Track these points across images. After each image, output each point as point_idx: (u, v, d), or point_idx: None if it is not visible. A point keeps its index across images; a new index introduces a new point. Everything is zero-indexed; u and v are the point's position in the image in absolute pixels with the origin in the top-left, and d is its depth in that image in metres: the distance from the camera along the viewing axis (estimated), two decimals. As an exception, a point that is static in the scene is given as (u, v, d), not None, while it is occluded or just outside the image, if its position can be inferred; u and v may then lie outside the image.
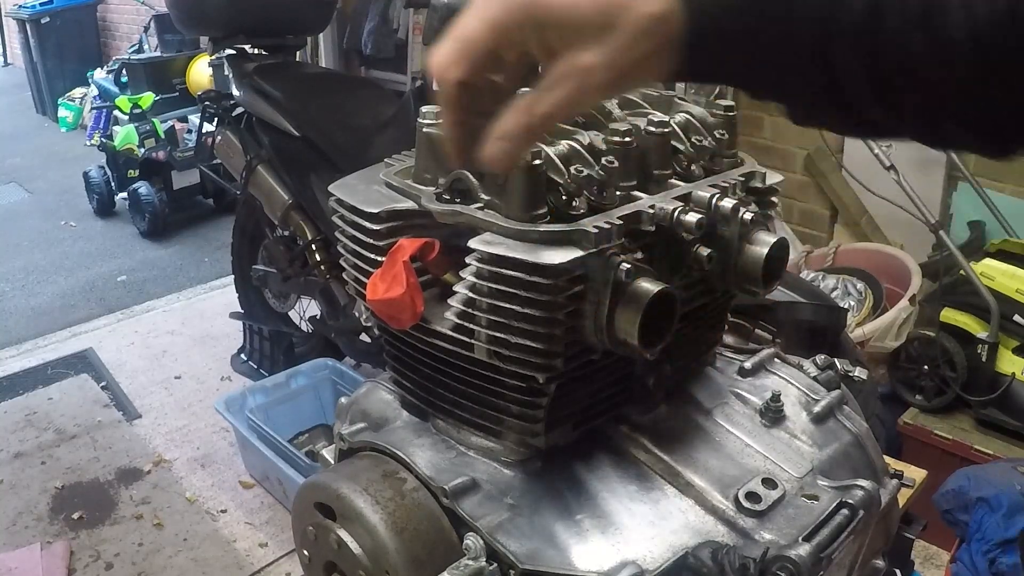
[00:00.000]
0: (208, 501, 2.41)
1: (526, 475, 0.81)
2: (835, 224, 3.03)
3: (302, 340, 2.82)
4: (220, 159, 2.74)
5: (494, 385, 0.79)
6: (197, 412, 2.82)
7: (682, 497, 0.79)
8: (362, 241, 0.81)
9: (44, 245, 4.54)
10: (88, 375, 3.10)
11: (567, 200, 0.74)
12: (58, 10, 6.91)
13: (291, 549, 2.19)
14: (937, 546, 2.09)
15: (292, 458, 2.18)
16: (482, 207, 0.75)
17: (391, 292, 0.77)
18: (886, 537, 0.88)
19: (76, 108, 6.82)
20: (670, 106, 0.90)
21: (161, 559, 2.19)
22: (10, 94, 8.08)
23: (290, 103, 2.36)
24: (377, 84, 3.00)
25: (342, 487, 0.78)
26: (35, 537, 2.27)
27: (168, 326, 3.46)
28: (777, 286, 0.85)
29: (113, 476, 2.52)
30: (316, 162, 2.31)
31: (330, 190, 0.85)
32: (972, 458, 2.04)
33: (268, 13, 2.56)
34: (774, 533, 0.74)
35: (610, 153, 0.77)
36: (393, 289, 0.77)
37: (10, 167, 5.94)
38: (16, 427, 2.78)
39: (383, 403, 0.93)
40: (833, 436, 0.87)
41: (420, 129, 0.82)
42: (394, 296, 0.77)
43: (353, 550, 0.77)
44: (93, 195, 4.90)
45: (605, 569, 0.72)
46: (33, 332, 3.51)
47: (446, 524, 0.77)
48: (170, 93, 5.68)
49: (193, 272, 4.12)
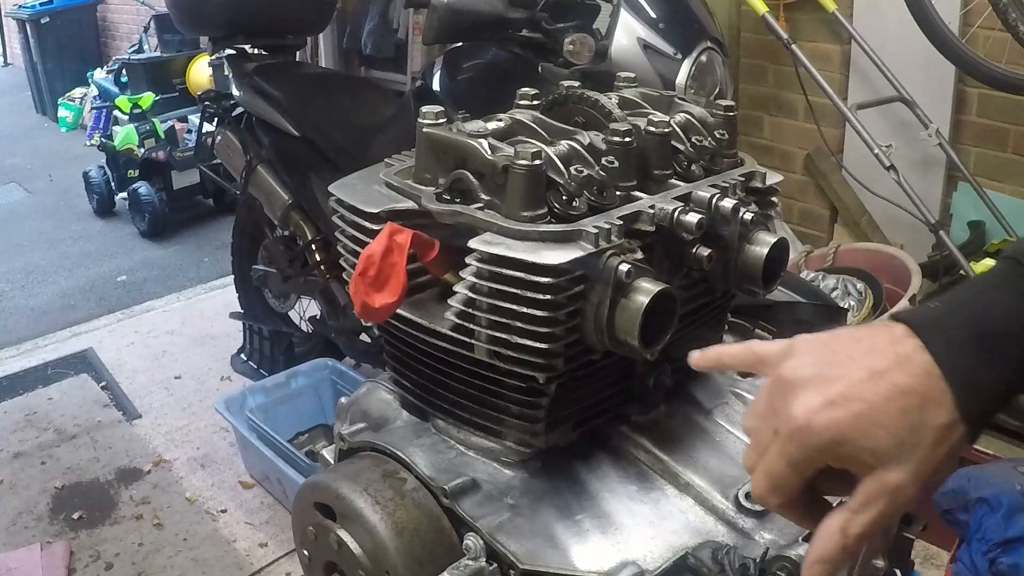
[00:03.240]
0: (208, 501, 2.40)
1: (526, 475, 0.81)
2: (835, 224, 3.03)
3: (302, 340, 2.82)
4: (220, 159, 2.74)
5: (494, 385, 0.79)
6: (197, 412, 2.82)
7: (682, 497, 0.79)
8: (362, 241, 0.81)
9: (44, 245, 4.54)
10: (88, 375, 3.10)
11: (567, 200, 0.74)
12: (58, 10, 6.90)
13: (291, 549, 2.18)
14: (937, 546, 2.09)
15: (292, 458, 2.18)
16: (482, 207, 0.75)
17: (387, 298, 0.77)
18: (886, 537, 0.88)
19: (76, 108, 6.82)
20: (670, 106, 0.90)
21: (161, 559, 2.19)
22: (10, 94, 8.07)
23: (290, 103, 2.36)
24: (377, 84, 3.00)
25: (342, 487, 0.78)
26: (35, 537, 2.26)
27: (168, 326, 3.46)
28: (777, 286, 0.85)
29: (113, 476, 2.52)
30: (316, 162, 2.31)
31: (330, 190, 0.85)
32: (972, 458, 2.03)
33: (268, 13, 2.56)
34: (774, 533, 0.74)
35: (610, 153, 0.77)
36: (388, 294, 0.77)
37: (10, 167, 5.94)
38: (16, 427, 2.78)
39: (383, 403, 0.93)
40: (833, 436, 0.87)
41: (420, 129, 0.82)
42: (391, 301, 0.77)
43: (353, 550, 0.77)
44: (93, 195, 4.89)
45: (605, 569, 0.72)
46: (33, 332, 3.51)
47: (446, 524, 0.77)
48: (170, 93, 5.67)
49: (193, 272, 4.11)
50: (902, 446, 0.51)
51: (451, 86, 2.05)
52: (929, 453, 0.52)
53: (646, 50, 1.96)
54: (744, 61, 3.08)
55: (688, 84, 1.96)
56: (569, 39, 1.90)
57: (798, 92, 2.78)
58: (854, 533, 0.53)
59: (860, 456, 0.52)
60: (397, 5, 4.41)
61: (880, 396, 0.52)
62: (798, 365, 0.55)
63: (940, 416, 0.51)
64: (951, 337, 0.53)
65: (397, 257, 0.77)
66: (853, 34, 2.58)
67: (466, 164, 0.78)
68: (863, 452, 0.52)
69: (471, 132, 0.79)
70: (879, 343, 0.54)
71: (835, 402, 0.52)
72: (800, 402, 0.53)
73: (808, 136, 2.93)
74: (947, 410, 0.51)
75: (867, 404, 0.52)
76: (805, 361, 0.55)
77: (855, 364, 0.53)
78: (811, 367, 0.54)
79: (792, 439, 0.53)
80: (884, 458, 0.52)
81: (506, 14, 1.89)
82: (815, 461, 0.53)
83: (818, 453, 0.53)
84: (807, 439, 0.53)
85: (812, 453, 0.53)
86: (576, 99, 0.88)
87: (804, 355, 0.55)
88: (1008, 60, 2.25)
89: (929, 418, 0.51)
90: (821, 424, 0.52)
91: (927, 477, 0.52)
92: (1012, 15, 2.06)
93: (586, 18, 2.08)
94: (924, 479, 0.52)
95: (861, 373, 0.52)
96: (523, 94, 0.92)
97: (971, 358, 0.52)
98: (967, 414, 0.52)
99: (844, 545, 0.53)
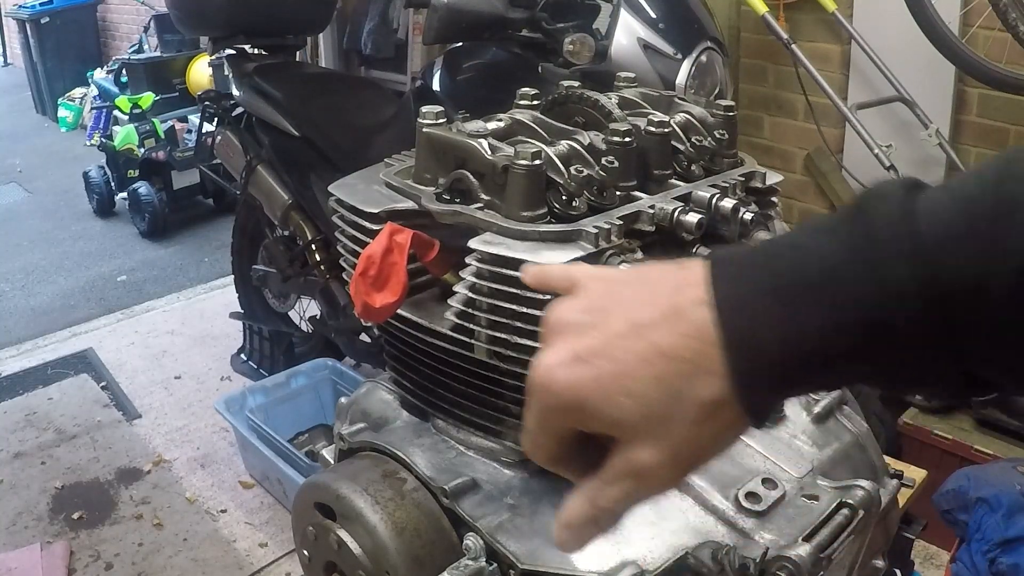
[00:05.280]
0: (208, 501, 2.40)
1: (526, 475, 0.80)
2: (835, 224, 3.03)
3: (302, 340, 2.82)
4: (220, 159, 2.74)
5: (494, 385, 0.79)
6: (197, 412, 2.82)
7: (682, 497, 0.78)
8: (362, 241, 0.81)
9: (44, 245, 4.54)
10: (88, 375, 3.10)
11: (567, 200, 0.74)
12: (58, 10, 6.90)
13: (291, 549, 2.18)
14: (937, 546, 2.09)
15: (292, 458, 2.18)
16: (482, 207, 0.75)
17: (387, 298, 0.77)
18: (886, 537, 0.88)
19: (76, 108, 6.82)
20: (670, 106, 0.90)
21: (161, 559, 2.19)
22: (10, 94, 8.07)
23: (290, 103, 2.36)
24: (377, 84, 3.00)
25: (342, 487, 0.78)
26: (35, 537, 2.26)
27: (168, 326, 3.46)
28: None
29: (113, 476, 2.52)
30: (316, 162, 2.31)
31: (330, 190, 0.85)
32: (972, 458, 2.03)
33: (268, 13, 2.56)
34: (774, 533, 0.74)
35: (610, 153, 0.77)
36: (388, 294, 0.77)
37: (10, 167, 5.94)
38: (16, 427, 2.78)
39: (383, 403, 0.93)
40: (833, 436, 0.87)
41: (420, 129, 0.82)
42: (391, 301, 0.77)
43: (353, 550, 0.77)
44: (93, 195, 4.89)
45: (605, 569, 0.72)
46: (33, 332, 3.51)
47: (446, 524, 0.77)
48: (170, 93, 5.67)
49: (193, 272, 4.11)
50: (653, 420, 0.42)
51: (451, 86, 2.05)
52: (688, 432, 0.42)
53: (646, 50, 1.96)
54: (744, 61, 3.08)
55: (688, 84, 1.96)
56: (569, 39, 1.90)
57: (798, 92, 2.78)
58: (601, 506, 0.46)
59: (604, 426, 0.43)
60: (397, 5, 4.41)
61: (634, 357, 0.42)
62: (568, 307, 0.45)
63: (706, 389, 0.41)
64: (744, 292, 0.41)
65: (397, 257, 0.77)
66: (853, 34, 2.58)
67: (466, 164, 0.78)
68: (606, 422, 0.43)
69: (471, 132, 0.79)
70: (662, 288, 0.43)
71: (581, 358, 0.43)
72: (548, 354, 0.44)
73: (808, 136, 2.93)
74: (718, 383, 0.41)
75: (616, 365, 0.42)
76: (577, 304, 0.45)
77: (621, 313, 0.43)
78: (578, 311, 0.45)
79: (534, 395, 0.45)
80: (630, 432, 0.43)
81: (506, 14, 1.89)
82: (560, 422, 0.45)
83: (559, 415, 0.44)
84: (545, 398, 0.44)
85: (553, 415, 0.44)
86: (576, 99, 0.88)
87: (581, 295, 0.46)
88: (1008, 60, 2.25)
89: (692, 390, 0.41)
90: (560, 383, 0.43)
91: (687, 460, 0.43)
92: (1012, 15, 2.06)
93: (586, 18, 2.08)
94: (683, 462, 0.43)
95: (621, 325, 0.43)
96: (523, 94, 0.92)
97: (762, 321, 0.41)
98: (743, 392, 0.41)
99: (592, 516, 0.46)
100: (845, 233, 0.41)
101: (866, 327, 0.39)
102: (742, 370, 0.41)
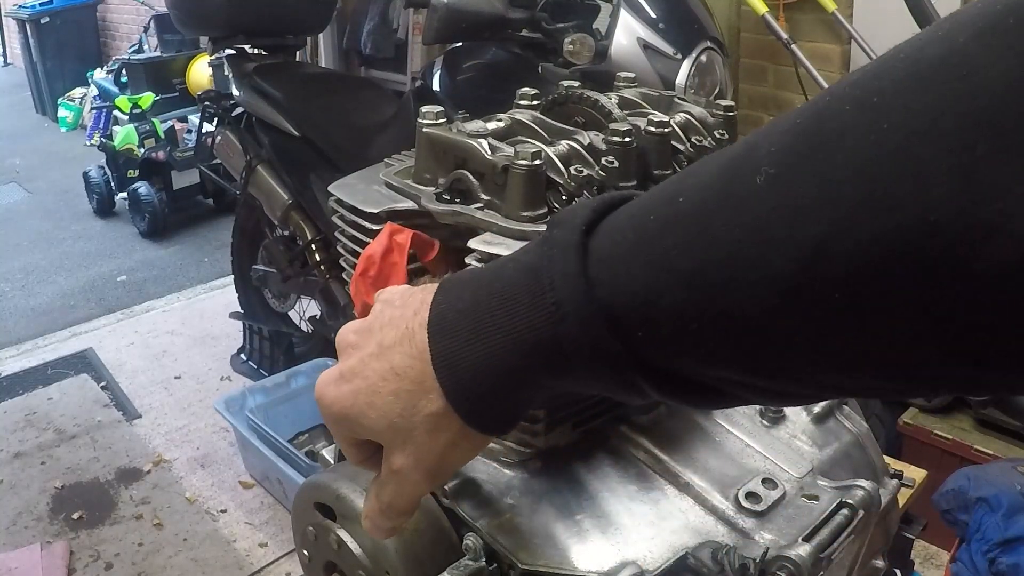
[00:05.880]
0: (208, 501, 2.41)
1: (526, 475, 0.80)
2: (835, 224, 3.03)
3: (302, 340, 2.82)
4: (220, 159, 2.74)
5: (494, 385, 0.79)
6: (197, 412, 2.82)
7: (682, 497, 0.78)
8: (362, 241, 0.81)
9: (44, 245, 4.54)
10: (88, 375, 3.10)
11: (567, 200, 0.74)
12: (58, 10, 6.91)
13: (291, 549, 2.18)
14: (937, 546, 2.09)
15: (292, 458, 2.18)
16: (482, 207, 0.75)
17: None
18: (886, 537, 0.88)
19: (76, 108, 6.82)
20: (670, 106, 0.90)
21: (161, 559, 2.19)
22: (10, 94, 8.07)
23: (290, 103, 2.36)
24: (377, 84, 3.00)
25: (342, 487, 0.78)
26: (35, 537, 2.26)
27: (168, 326, 3.46)
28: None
29: (113, 476, 2.52)
30: (316, 162, 2.31)
31: (330, 190, 0.85)
32: (972, 458, 2.03)
33: (268, 13, 2.56)
34: (774, 533, 0.74)
35: (610, 153, 0.77)
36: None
37: (10, 167, 5.94)
38: (16, 427, 2.78)
39: (383, 403, 0.93)
40: (833, 436, 0.87)
41: (420, 129, 0.82)
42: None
43: (353, 550, 0.77)
44: (93, 195, 4.89)
45: (605, 569, 0.72)
46: (33, 332, 3.51)
47: (446, 524, 0.77)
48: (170, 93, 5.68)
49: (193, 272, 4.11)
50: (396, 430, 0.47)
51: (451, 86, 2.05)
52: (426, 441, 0.47)
53: (646, 50, 1.96)
54: (744, 61, 3.08)
55: (688, 84, 1.96)
56: (569, 39, 1.90)
57: (798, 92, 2.78)
58: (384, 502, 0.51)
59: (367, 434, 0.49)
60: (397, 5, 4.41)
61: (377, 375, 0.47)
62: (347, 328, 0.51)
63: (430, 404, 0.46)
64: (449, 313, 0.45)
65: (397, 257, 0.77)
66: (853, 34, 2.58)
67: (466, 164, 0.78)
68: (366, 432, 0.49)
69: (471, 132, 0.79)
70: (407, 310, 0.48)
71: (344, 376, 0.49)
72: (326, 372, 0.50)
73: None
74: (436, 399, 0.46)
75: (365, 382, 0.48)
76: (354, 325, 0.51)
77: (377, 334, 0.48)
78: (353, 332, 0.50)
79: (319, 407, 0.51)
80: (385, 440, 0.48)
81: (506, 14, 1.89)
82: (342, 432, 0.51)
83: (336, 426, 0.50)
84: (323, 412, 0.50)
85: (333, 426, 0.50)
86: (576, 99, 0.88)
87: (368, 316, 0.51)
88: (1008, 60, 2.25)
89: (421, 404, 0.46)
90: (328, 399, 0.49)
91: (433, 465, 0.48)
92: (1012, 15, 2.06)
93: (586, 18, 2.08)
94: (430, 467, 0.48)
95: (372, 347, 0.48)
96: (523, 94, 0.92)
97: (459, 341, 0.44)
98: (456, 407, 0.45)
99: (379, 509, 0.52)
100: (534, 252, 0.43)
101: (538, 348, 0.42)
102: (448, 388, 0.45)
